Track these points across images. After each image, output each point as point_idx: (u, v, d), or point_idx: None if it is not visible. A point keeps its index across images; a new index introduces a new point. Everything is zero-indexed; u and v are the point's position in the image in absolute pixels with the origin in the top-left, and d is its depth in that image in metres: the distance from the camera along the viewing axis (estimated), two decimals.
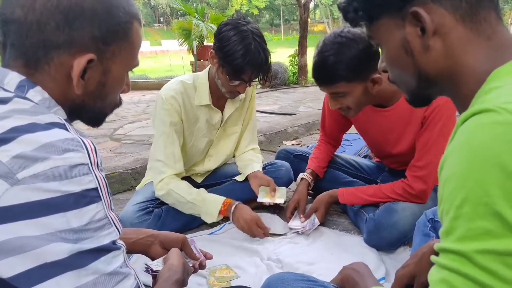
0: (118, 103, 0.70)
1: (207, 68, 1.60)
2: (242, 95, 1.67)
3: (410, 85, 0.65)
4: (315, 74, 1.34)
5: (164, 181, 1.53)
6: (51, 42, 0.56)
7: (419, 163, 1.36)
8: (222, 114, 1.67)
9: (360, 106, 1.38)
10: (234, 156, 1.87)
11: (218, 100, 1.63)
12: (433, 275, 0.48)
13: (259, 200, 1.61)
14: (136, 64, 0.67)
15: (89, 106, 0.64)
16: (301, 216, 1.58)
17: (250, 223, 1.49)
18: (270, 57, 1.45)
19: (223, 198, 1.56)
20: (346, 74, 1.26)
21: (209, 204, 1.55)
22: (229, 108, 1.67)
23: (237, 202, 1.56)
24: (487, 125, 0.44)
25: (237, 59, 1.36)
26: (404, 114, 1.39)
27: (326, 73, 1.29)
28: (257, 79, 1.48)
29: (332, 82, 1.30)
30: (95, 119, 0.69)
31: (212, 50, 1.47)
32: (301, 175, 1.72)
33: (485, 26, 0.55)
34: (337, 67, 1.26)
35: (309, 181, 1.70)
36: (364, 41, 1.23)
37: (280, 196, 1.62)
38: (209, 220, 1.57)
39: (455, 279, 0.45)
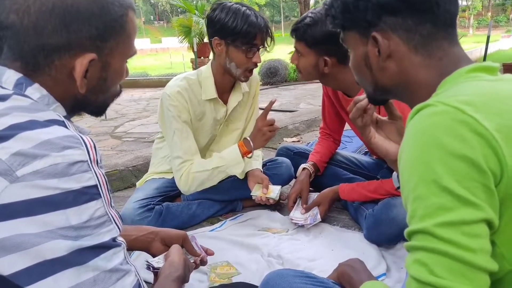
0: (119, 92, 0.71)
1: (209, 63, 1.61)
2: (245, 88, 1.68)
3: (368, 90, 0.76)
4: (293, 25, 1.49)
5: (184, 174, 1.54)
6: (50, 46, 0.56)
7: None
8: (226, 109, 1.67)
9: (308, 75, 1.51)
10: None
11: (223, 94, 1.64)
12: (407, 260, 0.52)
13: (252, 194, 1.61)
14: (134, 53, 0.67)
15: (92, 101, 0.65)
16: (303, 206, 1.59)
17: (263, 129, 1.54)
18: (267, 18, 1.53)
19: (235, 145, 1.58)
20: (307, 38, 1.42)
21: (229, 157, 1.56)
22: (233, 101, 1.67)
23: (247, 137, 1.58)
24: (427, 116, 0.53)
25: (242, 26, 1.43)
26: None
27: (298, 27, 1.45)
28: (267, 44, 1.53)
29: (297, 37, 1.46)
30: (98, 111, 0.70)
31: (213, 39, 1.49)
32: (303, 165, 1.73)
33: (436, 51, 0.64)
34: (306, 28, 1.41)
35: (311, 172, 1.70)
36: None
37: (272, 191, 1.61)
38: (240, 168, 1.57)
39: (424, 256, 0.49)
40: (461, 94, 0.55)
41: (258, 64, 1.53)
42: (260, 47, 1.50)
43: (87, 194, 0.51)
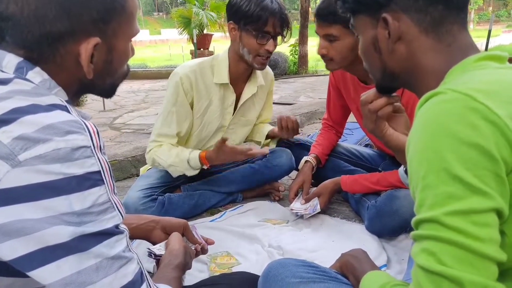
0: (126, 72, 0.69)
1: (227, 48, 1.59)
2: (261, 81, 1.67)
3: (376, 76, 0.74)
4: (319, 10, 1.37)
5: (151, 152, 1.56)
6: (53, 34, 0.55)
7: None
8: (237, 99, 1.65)
9: (343, 61, 1.40)
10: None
11: (236, 82, 1.61)
12: (414, 249, 0.51)
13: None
14: (137, 32, 0.65)
15: (99, 85, 0.64)
16: (304, 197, 1.58)
17: (235, 157, 1.48)
18: (284, 5, 1.48)
19: (197, 154, 1.51)
20: (346, 18, 1.30)
21: (191, 162, 1.51)
22: (247, 93, 1.65)
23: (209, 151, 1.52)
24: (437, 104, 0.52)
25: (255, 10, 1.40)
26: None
27: (330, 10, 1.32)
28: (280, 33, 1.48)
29: (331, 21, 1.34)
30: (107, 93, 0.69)
31: (228, 23, 1.49)
32: (305, 158, 1.72)
33: (446, 36, 0.63)
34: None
35: (313, 165, 1.69)
36: None
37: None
38: (192, 173, 1.54)
39: (432, 245, 0.48)
40: (470, 82, 0.53)
41: (271, 52, 1.49)
42: (272, 34, 1.46)
43: (91, 180, 0.50)
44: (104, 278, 0.51)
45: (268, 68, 1.68)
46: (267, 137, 1.81)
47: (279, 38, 1.51)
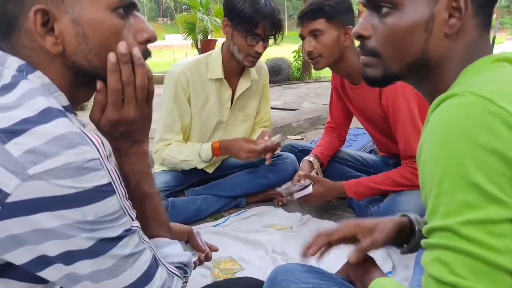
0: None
1: (220, 45, 1.61)
2: (254, 75, 1.68)
3: (394, 63, 0.62)
4: (302, 12, 1.48)
5: (159, 151, 1.59)
6: (10, 14, 0.54)
7: (409, 153, 1.40)
8: (233, 94, 1.66)
9: (331, 55, 1.45)
10: None
11: (230, 77, 1.63)
12: (425, 257, 0.49)
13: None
14: (117, 0, 0.56)
15: (87, 67, 0.58)
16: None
17: (245, 154, 1.54)
18: (278, 9, 1.51)
19: (209, 145, 1.58)
20: (328, 11, 1.42)
21: (202, 153, 1.58)
22: (241, 87, 1.66)
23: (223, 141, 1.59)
24: (454, 107, 0.49)
25: (247, 11, 1.42)
26: (367, 93, 1.51)
27: (312, 8, 1.44)
28: (271, 36, 1.51)
29: (314, 16, 1.43)
30: None
31: (223, 19, 1.52)
32: (305, 158, 1.72)
33: (486, 34, 0.60)
34: (324, 3, 1.42)
35: (311, 161, 1.69)
36: None
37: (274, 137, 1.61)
38: (203, 166, 1.62)
39: (445, 255, 0.46)
40: (488, 83, 0.51)
41: (260, 53, 1.51)
42: (262, 37, 1.47)
43: (102, 192, 0.50)
44: (122, 274, 0.53)
45: (262, 63, 1.71)
46: None
47: (270, 40, 1.53)
